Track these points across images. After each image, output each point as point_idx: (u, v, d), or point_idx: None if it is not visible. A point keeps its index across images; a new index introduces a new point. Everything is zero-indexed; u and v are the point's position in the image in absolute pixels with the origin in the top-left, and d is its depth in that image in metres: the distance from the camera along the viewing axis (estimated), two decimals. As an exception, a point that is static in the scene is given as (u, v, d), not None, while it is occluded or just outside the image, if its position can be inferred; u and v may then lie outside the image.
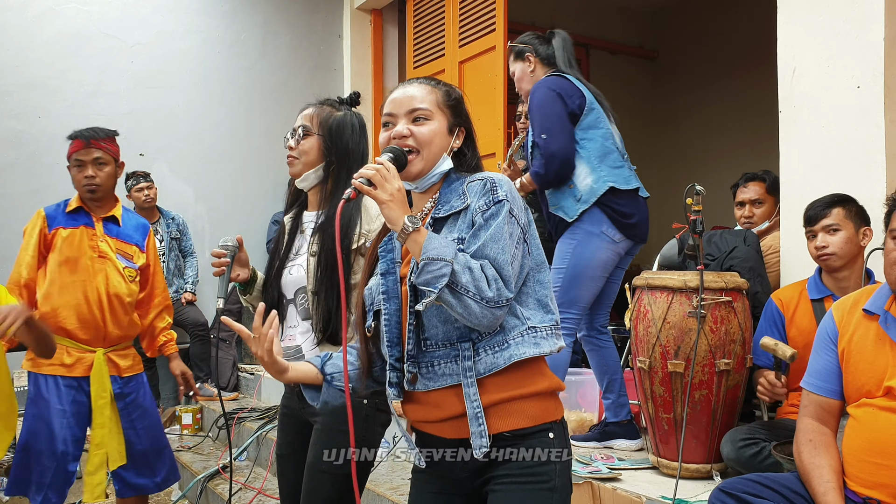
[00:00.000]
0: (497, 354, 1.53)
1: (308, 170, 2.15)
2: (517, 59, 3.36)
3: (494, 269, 1.47)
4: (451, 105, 1.67)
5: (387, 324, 1.64)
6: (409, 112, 1.63)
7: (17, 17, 5.33)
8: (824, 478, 1.94)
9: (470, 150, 1.70)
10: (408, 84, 1.68)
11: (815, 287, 2.77)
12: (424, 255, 1.44)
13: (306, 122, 2.16)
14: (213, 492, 4.12)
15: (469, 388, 1.52)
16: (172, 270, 5.58)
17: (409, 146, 1.61)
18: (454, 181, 1.65)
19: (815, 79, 3.08)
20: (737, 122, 7.09)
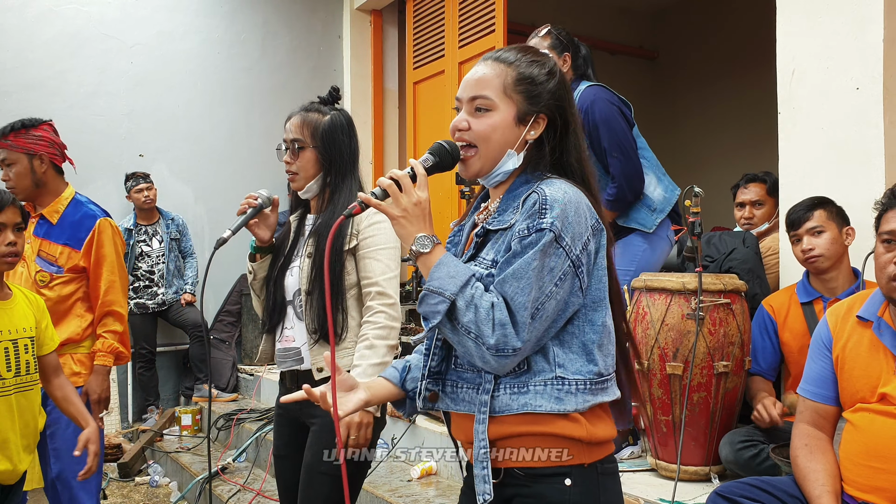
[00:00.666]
0: (514, 397, 1.36)
1: (308, 182, 2.17)
2: (552, 50, 3.12)
3: (508, 310, 1.30)
4: (523, 89, 1.42)
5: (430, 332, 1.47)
6: (471, 100, 1.43)
7: (17, 17, 5.32)
8: (819, 481, 1.94)
9: (553, 141, 1.44)
10: (485, 60, 1.46)
11: (804, 290, 2.80)
12: (426, 286, 1.33)
13: (298, 134, 2.14)
14: (212, 493, 4.12)
15: (479, 425, 1.37)
16: (172, 271, 5.58)
17: (466, 140, 1.43)
18: (522, 185, 1.44)
19: (815, 80, 3.07)
20: (737, 122, 7.09)
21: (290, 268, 2.21)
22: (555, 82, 1.45)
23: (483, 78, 1.43)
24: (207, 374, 5.60)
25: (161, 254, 5.53)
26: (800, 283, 2.83)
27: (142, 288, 5.47)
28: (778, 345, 2.83)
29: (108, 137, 5.64)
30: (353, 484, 2.14)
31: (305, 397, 1.47)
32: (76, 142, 5.49)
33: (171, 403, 5.86)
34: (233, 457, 4.51)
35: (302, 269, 2.14)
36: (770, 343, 2.83)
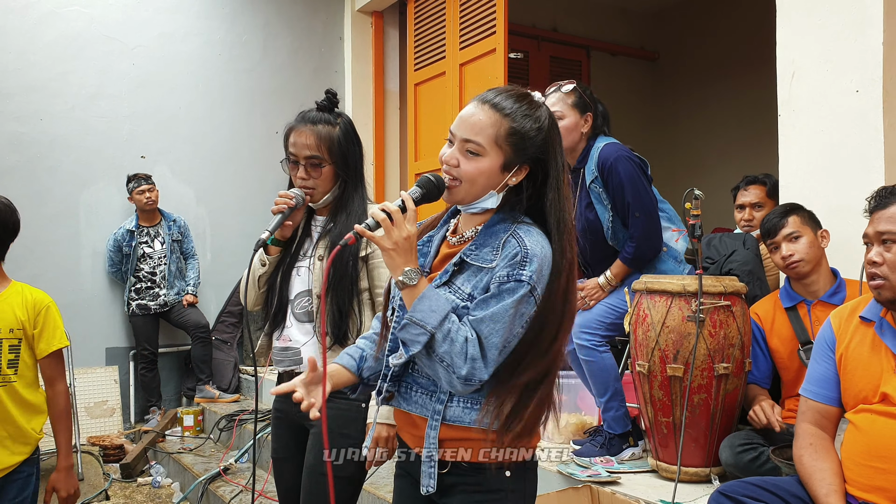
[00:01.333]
0: (466, 412, 1.53)
1: (325, 194, 2.17)
2: (574, 108, 3.09)
3: (480, 347, 1.45)
4: (513, 142, 1.51)
5: (394, 330, 1.61)
6: (464, 141, 1.52)
7: (19, 19, 5.34)
8: (826, 481, 1.96)
9: (531, 189, 1.57)
10: (483, 102, 1.54)
11: (787, 296, 2.83)
12: (408, 316, 1.46)
13: (316, 151, 2.12)
14: (213, 494, 4.13)
15: (431, 431, 1.54)
16: (174, 272, 5.59)
17: (453, 176, 1.53)
18: (499, 223, 1.56)
19: (814, 82, 3.08)
20: (736, 123, 7.09)
21: (296, 267, 2.20)
22: (542, 137, 1.54)
23: (478, 123, 1.52)
24: (213, 376, 5.62)
25: (163, 255, 5.54)
26: (782, 289, 2.86)
27: (144, 289, 5.48)
28: (768, 352, 2.86)
29: (110, 139, 5.66)
30: (355, 484, 2.16)
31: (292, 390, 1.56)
32: (78, 144, 5.54)
33: (173, 404, 5.87)
34: (234, 458, 4.52)
35: (313, 272, 2.15)
36: (760, 351, 2.86)
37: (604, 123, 3.19)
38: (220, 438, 5.05)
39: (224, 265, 6.06)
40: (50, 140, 5.43)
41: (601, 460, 2.99)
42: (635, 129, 8.04)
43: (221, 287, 6.04)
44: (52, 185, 5.45)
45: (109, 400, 5.58)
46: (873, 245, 1.94)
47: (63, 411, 2.73)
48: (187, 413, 5.32)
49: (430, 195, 1.54)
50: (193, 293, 5.67)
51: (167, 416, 5.42)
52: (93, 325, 5.58)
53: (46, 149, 5.43)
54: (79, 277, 5.56)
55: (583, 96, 3.11)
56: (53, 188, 5.46)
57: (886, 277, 1.90)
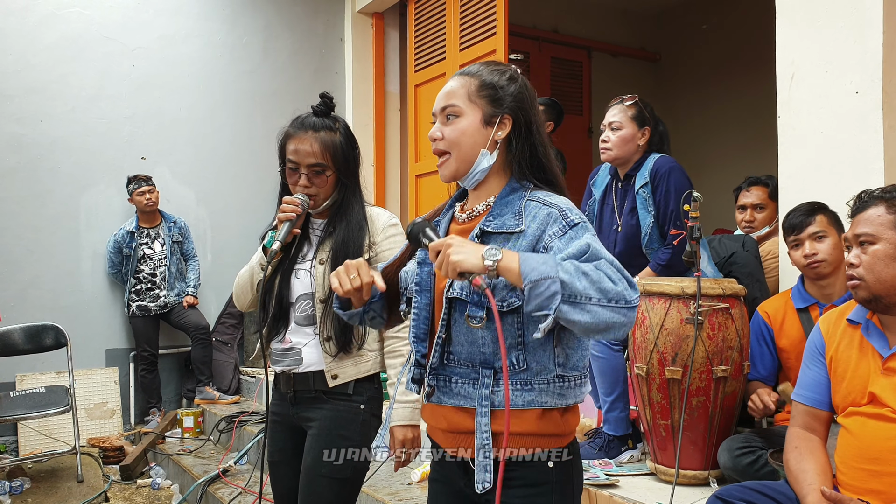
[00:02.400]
0: (517, 393, 1.46)
1: (327, 200, 2.15)
2: (633, 121, 3.18)
3: (614, 267, 1.34)
4: (487, 94, 1.53)
5: (415, 318, 1.58)
6: (442, 110, 1.55)
7: (19, 21, 5.34)
8: (807, 481, 1.97)
9: (519, 140, 1.54)
10: (453, 76, 1.59)
11: (800, 296, 2.78)
12: (527, 280, 1.30)
13: (320, 159, 2.10)
14: (213, 496, 4.13)
15: (482, 418, 1.46)
16: (174, 274, 5.59)
17: (441, 149, 1.54)
18: (513, 192, 1.54)
19: (814, 84, 3.07)
20: (737, 124, 7.09)
21: (295, 270, 2.18)
22: (516, 86, 1.56)
23: (450, 90, 1.56)
24: (213, 377, 5.61)
25: (163, 256, 5.54)
26: (795, 289, 2.81)
27: (144, 290, 5.48)
28: (775, 351, 2.82)
29: (110, 141, 5.66)
30: (353, 486, 2.15)
31: None
32: (78, 145, 5.54)
33: (173, 406, 5.87)
34: (234, 459, 4.51)
35: (315, 277, 2.13)
36: (767, 349, 2.83)
37: (661, 142, 3.26)
38: (219, 440, 5.05)
39: (224, 266, 6.06)
40: (50, 141, 5.44)
41: (599, 463, 2.98)
42: (636, 130, 8.04)
43: (222, 288, 6.04)
44: (52, 186, 5.45)
45: (109, 401, 5.58)
46: (852, 247, 1.99)
47: None
48: (187, 414, 5.32)
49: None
50: (194, 294, 5.67)
51: (167, 418, 5.42)
52: (93, 326, 5.58)
53: (47, 150, 5.43)
54: (79, 279, 5.57)
55: (643, 111, 3.21)
56: (54, 189, 5.46)
57: (862, 278, 1.94)
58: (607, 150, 3.21)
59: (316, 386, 2.13)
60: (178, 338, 5.80)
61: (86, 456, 4.88)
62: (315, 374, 2.13)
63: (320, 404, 2.14)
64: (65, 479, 4.62)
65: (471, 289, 1.46)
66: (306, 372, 2.14)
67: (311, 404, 2.15)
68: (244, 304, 2.28)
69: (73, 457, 4.69)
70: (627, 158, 3.21)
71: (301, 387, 2.16)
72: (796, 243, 2.73)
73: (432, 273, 1.58)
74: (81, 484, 4.54)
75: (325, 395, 2.13)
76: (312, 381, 2.14)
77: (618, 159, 3.21)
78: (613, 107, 3.25)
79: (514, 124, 1.55)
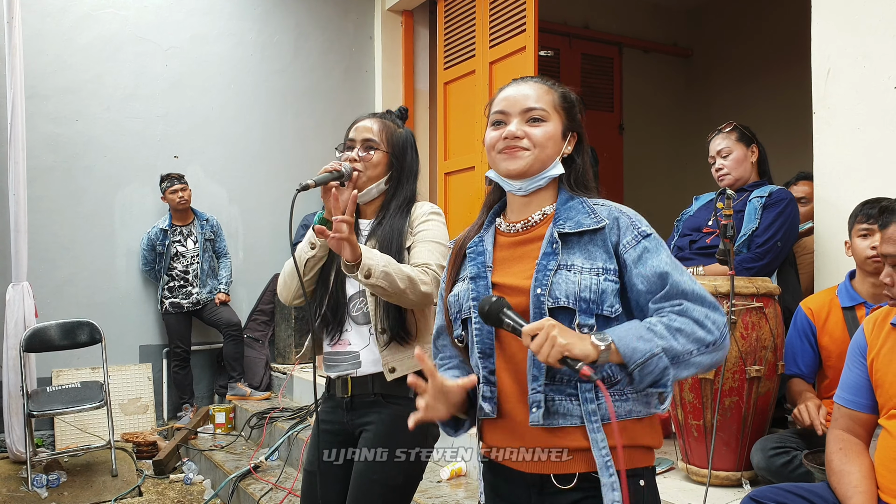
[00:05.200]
0: (617, 405, 1.42)
1: (371, 184, 2.11)
2: (739, 142, 3.25)
3: (691, 303, 1.37)
4: (566, 108, 1.56)
5: (478, 333, 1.50)
6: (525, 111, 1.52)
7: (55, 23, 5.43)
8: (852, 483, 1.92)
9: (580, 158, 1.58)
10: (522, 81, 1.58)
11: (847, 294, 2.69)
12: (633, 364, 1.32)
13: (372, 135, 2.11)
14: (244, 491, 4.16)
15: (596, 434, 1.39)
16: (206, 271, 5.65)
17: (522, 148, 1.51)
18: (571, 199, 1.54)
19: (850, 80, 3.02)
20: (772, 121, 6.97)
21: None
22: (580, 108, 1.60)
23: (534, 93, 1.54)
24: (244, 373, 5.66)
25: (196, 254, 5.60)
26: (841, 286, 2.72)
27: (177, 287, 5.55)
28: (817, 348, 2.76)
29: (144, 139, 5.73)
30: (404, 495, 2.07)
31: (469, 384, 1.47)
32: (113, 144, 5.62)
33: (206, 402, 5.94)
34: (265, 455, 4.55)
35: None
36: (809, 346, 2.76)
37: (765, 163, 3.33)
38: (251, 436, 5.09)
39: (256, 264, 6.11)
40: (86, 141, 5.52)
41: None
42: (668, 126, 7.97)
43: (253, 285, 6.10)
44: (87, 184, 5.54)
45: (143, 397, 5.66)
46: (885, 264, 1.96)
47: None
48: (219, 410, 5.38)
49: None
50: (226, 291, 5.72)
51: (199, 414, 5.48)
52: (127, 322, 5.66)
53: (82, 149, 5.52)
54: (113, 276, 5.65)
55: (744, 131, 3.28)
56: (89, 188, 5.55)
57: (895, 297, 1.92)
58: (726, 176, 3.25)
59: (375, 389, 2.06)
60: (211, 334, 5.86)
61: (120, 451, 4.95)
62: (374, 376, 2.06)
63: (378, 408, 2.06)
64: (100, 473, 4.70)
65: (578, 297, 1.42)
66: (365, 375, 2.07)
67: (369, 409, 2.08)
68: (290, 292, 2.15)
69: (108, 451, 4.76)
70: (746, 179, 3.26)
71: (359, 391, 2.08)
72: (867, 233, 2.59)
73: (489, 286, 1.51)
74: (116, 478, 4.61)
75: (385, 398, 2.06)
76: (371, 385, 2.06)
77: (738, 181, 3.25)
78: (714, 138, 3.32)
79: (578, 142, 1.59)
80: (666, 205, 7.09)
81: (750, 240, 3.06)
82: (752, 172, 3.26)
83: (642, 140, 7.74)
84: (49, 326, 4.93)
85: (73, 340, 5.00)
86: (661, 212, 7.06)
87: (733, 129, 3.28)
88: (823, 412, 2.56)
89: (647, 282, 1.41)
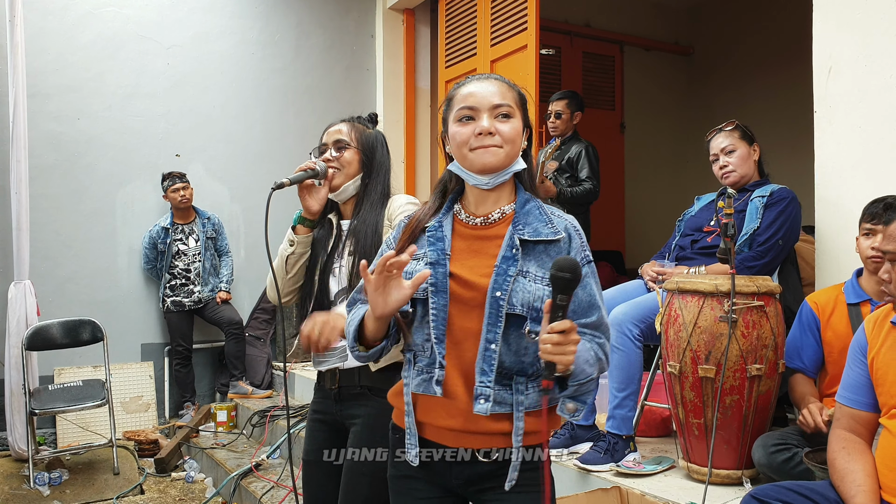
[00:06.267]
0: (541, 394, 1.56)
1: (347, 181, 2.21)
2: (742, 140, 3.24)
3: (607, 337, 1.60)
4: (523, 105, 1.65)
5: (435, 319, 1.58)
6: (494, 107, 1.59)
7: (57, 21, 5.43)
8: (856, 482, 1.92)
9: (529, 153, 1.68)
10: (484, 78, 1.64)
11: (853, 291, 2.70)
12: (577, 381, 1.47)
13: (342, 136, 2.22)
14: (246, 489, 4.17)
15: (519, 423, 1.55)
16: (208, 269, 5.66)
17: (496, 145, 1.57)
18: (528, 203, 1.63)
19: (852, 78, 3.02)
20: (772, 119, 6.98)
21: (331, 269, 2.21)
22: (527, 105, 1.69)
23: (499, 90, 1.61)
24: (246, 372, 5.66)
25: (197, 252, 5.61)
26: (848, 283, 2.73)
27: (178, 286, 5.56)
28: (820, 344, 2.76)
29: (146, 138, 5.74)
30: None
31: None
32: (114, 143, 5.62)
33: (207, 400, 5.95)
34: (267, 453, 4.56)
35: (343, 267, 2.16)
36: (813, 339, 2.76)
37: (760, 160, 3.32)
38: (252, 434, 5.10)
39: (258, 262, 6.12)
40: (87, 139, 5.53)
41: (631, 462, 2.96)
42: (670, 124, 7.97)
43: (255, 284, 6.10)
44: (89, 183, 5.54)
45: (144, 395, 5.67)
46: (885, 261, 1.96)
47: None
48: (221, 409, 5.39)
49: None
50: (227, 290, 5.73)
51: (201, 412, 5.49)
52: (128, 321, 5.67)
53: (84, 148, 5.52)
54: (115, 274, 5.66)
55: (745, 129, 3.27)
56: (91, 186, 5.55)
57: (893, 294, 1.92)
58: (731, 173, 3.22)
59: (361, 381, 2.13)
60: (212, 333, 5.87)
61: (122, 449, 4.97)
62: (360, 369, 2.13)
63: (364, 401, 2.12)
64: (101, 471, 4.71)
65: (531, 306, 1.53)
66: (351, 368, 2.14)
67: (356, 401, 2.14)
68: (281, 290, 2.25)
69: (110, 449, 4.77)
70: (749, 177, 3.24)
71: (346, 382, 2.16)
72: (869, 232, 2.62)
73: (447, 274, 1.59)
74: (117, 476, 4.62)
75: (371, 391, 2.12)
76: (357, 377, 2.13)
77: (742, 178, 3.22)
78: (716, 137, 3.29)
79: (528, 139, 1.67)
80: (667, 203, 7.10)
81: (751, 239, 3.06)
82: (754, 171, 3.25)
83: (643, 138, 7.74)
84: (51, 325, 4.93)
85: (74, 339, 5.01)
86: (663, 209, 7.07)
87: (736, 128, 3.27)
88: (826, 412, 2.57)
89: (579, 306, 1.56)
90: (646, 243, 7.06)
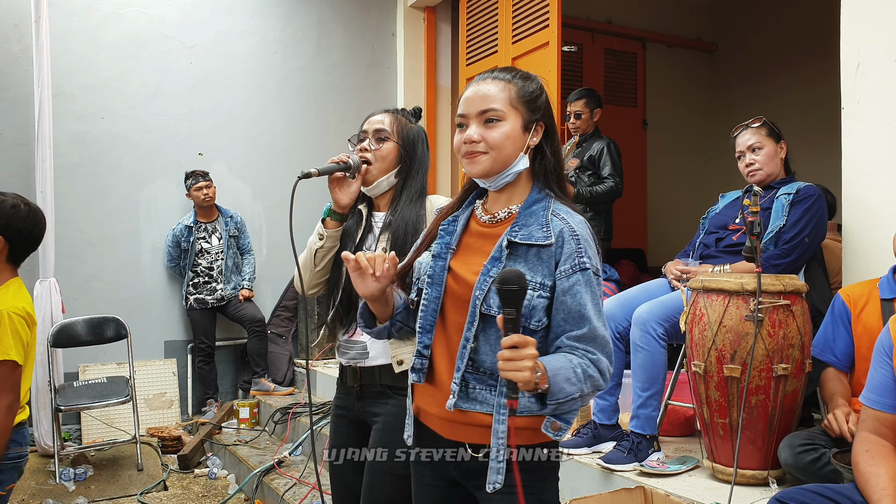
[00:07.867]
0: (532, 401, 1.48)
1: (381, 175, 2.17)
2: (769, 137, 3.20)
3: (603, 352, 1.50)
4: (526, 100, 1.59)
5: (424, 310, 1.62)
6: (481, 113, 1.58)
7: (82, 22, 5.48)
8: (880, 485, 1.89)
9: (549, 147, 1.63)
10: (482, 80, 1.62)
11: (889, 287, 2.65)
12: (556, 401, 1.43)
13: (384, 127, 2.18)
14: (268, 486, 4.19)
15: (499, 425, 1.52)
16: (231, 268, 5.69)
17: (480, 152, 1.57)
18: (536, 203, 1.60)
19: (881, 74, 2.97)
20: (797, 116, 6.90)
21: None
22: (545, 95, 1.64)
23: (489, 94, 1.59)
24: (268, 369, 5.69)
25: (220, 250, 5.64)
26: (884, 279, 2.68)
27: (201, 284, 5.59)
28: (851, 336, 2.70)
29: (169, 137, 5.78)
30: None
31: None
32: (138, 142, 5.66)
33: (230, 397, 5.98)
34: (289, 450, 4.58)
35: None
36: (845, 332, 2.71)
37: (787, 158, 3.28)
38: (274, 431, 5.12)
39: (280, 260, 6.14)
40: (111, 138, 5.57)
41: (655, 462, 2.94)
42: (692, 121, 7.91)
43: (277, 282, 6.13)
44: (113, 182, 5.59)
45: (168, 392, 5.71)
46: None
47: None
48: (243, 405, 5.41)
49: None
50: (249, 288, 5.76)
51: (223, 409, 5.53)
52: (152, 318, 5.71)
53: (108, 147, 5.56)
54: (139, 272, 5.70)
55: (773, 126, 3.22)
56: (115, 185, 5.60)
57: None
58: (757, 171, 3.17)
59: (382, 381, 2.12)
60: (235, 330, 5.90)
61: (145, 445, 5.01)
62: (381, 367, 2.12)
63: (385, 399, 2.12)
64: (125, 467, 4.75)
65: None
66: (373, 366, 2.13)
67: (377, 399, 2.14)
68: (306, 283, 2.26)
69: (134, 446, 4.82)
70: (775, 175, 3.19)
71: (367, 381, 2.15)
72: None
73: (446, 268, 1.62)
74: (141, 472, 4.66)
75: (391, 390, 2.11)
76: (378, 376, 2.12)
77: (769, 177, 3.18)
78: (742, 133, 3.24)
79: (545, 132, 1.63)
80: (690, 200, 7.05)
81: (777, 237, 3.02)
82: (780, 169, 3.20)
83: (666, 135, 7.69)
84: (76, 322, 4.98)
85: (99, 336, 5.06)
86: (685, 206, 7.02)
87: (763, 125, 3.22)
88: (854, 419, 2.53)
89: (568, 315, 1.51)
90: (668, 241, 7.02)
